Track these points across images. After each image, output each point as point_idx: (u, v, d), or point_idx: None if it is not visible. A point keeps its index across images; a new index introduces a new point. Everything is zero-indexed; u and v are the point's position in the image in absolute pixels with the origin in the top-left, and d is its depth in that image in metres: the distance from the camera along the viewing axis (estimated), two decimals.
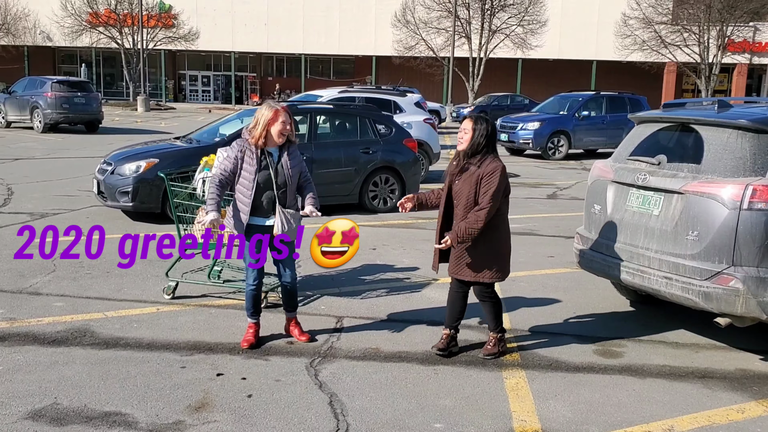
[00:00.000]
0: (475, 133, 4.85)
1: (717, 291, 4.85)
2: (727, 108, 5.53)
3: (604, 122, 21.02)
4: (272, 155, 5.06)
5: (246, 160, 4.98)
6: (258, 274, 5.14)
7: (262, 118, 4.96)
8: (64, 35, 47.32)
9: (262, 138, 4.96)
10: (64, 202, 10.91)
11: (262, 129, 4.94)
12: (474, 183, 4.81)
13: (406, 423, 4.10)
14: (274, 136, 4.97)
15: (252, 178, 4.95)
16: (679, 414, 4.31)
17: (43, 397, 4.25)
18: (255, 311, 5.22)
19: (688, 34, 41.99)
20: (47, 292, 6.34)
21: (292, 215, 5.08)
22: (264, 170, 4.99)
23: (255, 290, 5.16)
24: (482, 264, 4.90)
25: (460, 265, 4.96)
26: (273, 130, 4.96)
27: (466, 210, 4.85)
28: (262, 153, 5.01)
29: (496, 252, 4.94)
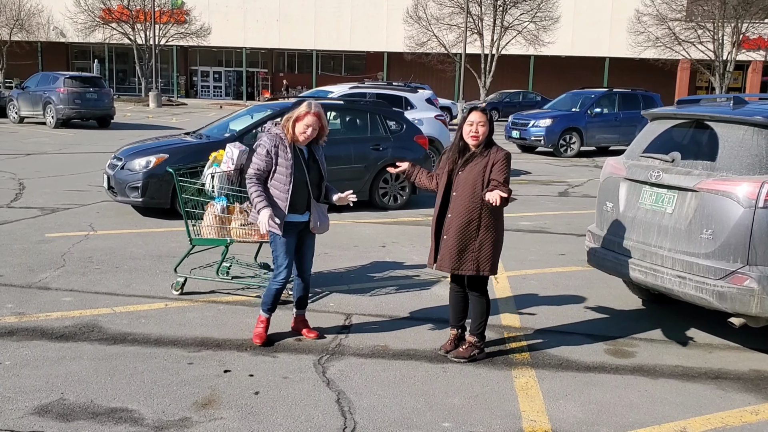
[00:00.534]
0: (491, 126, 4.77)
1: (731, 290, 4.78)
2: (743, 104, 5.44)
3: (616, 119, 20.87)
4: (302, 151, 5.01)
5: (280, 155, 4.91)
6: (289, 271, 5.05)
7: (294, 114, 4.92)
8: (77, 31, 47.53)
9: (290, 132, 4.91)
10: (75, 197, 10.93)
11: (291, 124, 4.90)
12: (481, 170, 4.71)
13: (414, 421, 4.05)
14: (297, 135, 4.91)
15: (288, 173, 4.88)
16: (692, 415, 4.24)
17: (50, 393, 4.24)
18: (273, 308, 5.16)
19: (703, 30, 41.60)
20: (56, 286, 6.34)
21: (325, 210, 5.11)
22: (298, 165, 4.94)
23: (281, 287, 5.08)
24: (485, 256, 4.78)
25: (462, 259, 4.79)
26: (297, 129, 4.90)
27: (472, 199, 4.73)
28: (294, 149, 4.96)
29: (497, 243, 4.84)
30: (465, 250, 4.78)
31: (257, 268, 6.76)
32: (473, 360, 4.94)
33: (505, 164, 4.70)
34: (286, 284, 5.12)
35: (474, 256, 4.78)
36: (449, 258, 4.83)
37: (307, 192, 5.01)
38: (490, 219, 4.77)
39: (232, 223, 6.19)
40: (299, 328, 5.33)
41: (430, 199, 11.71)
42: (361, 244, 8.36)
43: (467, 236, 4.77)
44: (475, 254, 4.78)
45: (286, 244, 4.98)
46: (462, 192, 4.78)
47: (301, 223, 5.06)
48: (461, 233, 4.77)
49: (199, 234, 6.27)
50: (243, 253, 7.20)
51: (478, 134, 4.74)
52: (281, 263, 5.01)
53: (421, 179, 5.08)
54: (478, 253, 4.77)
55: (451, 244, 4.81)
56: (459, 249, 4.79)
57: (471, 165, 4.75)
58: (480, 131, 4.74)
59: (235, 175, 6.54)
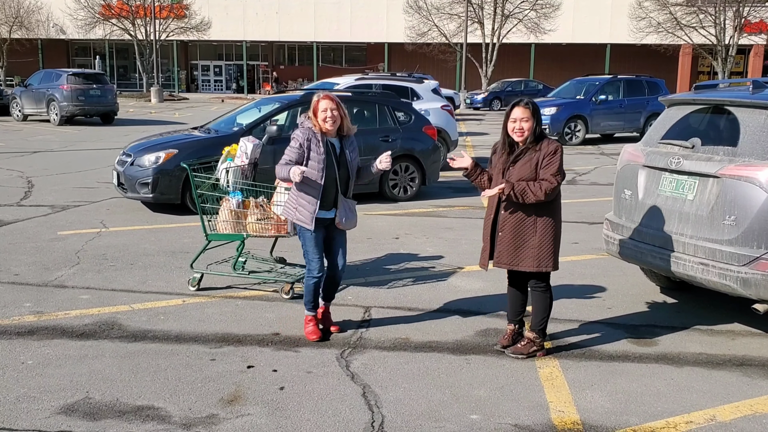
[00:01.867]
0: (535, 121, 4.61)
1: (756, 277, 4.74)
2: (762, 89, 5.39)
3: (621, 106, 20.76)
4: (334, 146, 4.97)
5: (313, 149, 4.86)
6: (321, 265, 5.02)
7: (311, 109, 4.91)
8: (78, 28, 47.39)
9: (318, 126, 4.88)
10: (84, 194, 10.91)
11: (314, 118, 4.89)
12: (533, 166, 4.59)
13: (441, 414, 4.03)
14: (321, 125, 4.88)
15: (320, 167, 4.84)
16: (720, 403, 4.22)
17: (75, 392, 4.22)
18: (316, 303, 5.14)
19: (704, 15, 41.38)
20: (72, 284, 6.32)
21: (353, 205, 5.09)
22: (329, 160, 4.90)
23: (318, 281, 5.04)
24: (543, 252, 4.66)
25: (521, 255, 4.67)
26: (319, 119, 4.88)
27: None
28: (327, 143, 4.92)
29: (556, 239, 4.71)
30: (523, 246, 4.68)
31: (273, 263, 6.74)
32: (532, 357, 4.85)
33: (554, 158, 4.57)
34: (322, 277, 5.07)
35: (534, 253, 4.66)
36: (507, 254, 4.72)
37: (336, 188, 4.97)
38: (546, 214, 4.67)
39: (247, 218, 6.16)
40: (323, 322, 5.31)
41: (441, 191, 11.74)
42: (374, 237, 8.33)
43: (524, 232, 4.67)
44: (535, 250, 4.66)
45: (315, 239, 4.96)
46: None
47: (327, 219, 5.02)
48: (517, 229, 4.68)
49: (214, 229, 6.24)
50: (258, 247, 7.18)
51: (523, 130, 4.61)
52: (311, 258, 4.99)
53: (482, 181, 4.89)
54: (538, 249, 4.65)
55: (508, 241, 4.71)
56: (516, 245, 4.69)
57: (522, 161, 4.63)
58: (525, 127, 4.60)
59: (249, 170, 6.51)
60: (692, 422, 3.98)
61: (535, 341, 4.87)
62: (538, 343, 4.88)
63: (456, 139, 14.97)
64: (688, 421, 3.99)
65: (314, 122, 4.90)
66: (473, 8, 42.93)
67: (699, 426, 3.94)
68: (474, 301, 6.06)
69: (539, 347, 4.88)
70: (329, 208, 5.01)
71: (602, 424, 3.95)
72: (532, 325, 4.90)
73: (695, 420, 4.01)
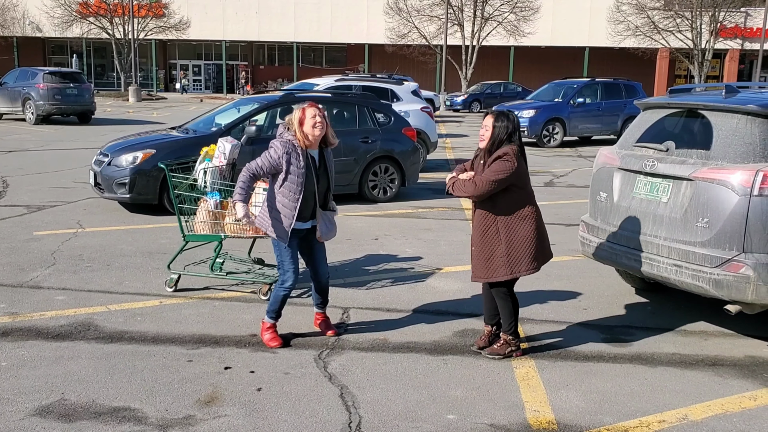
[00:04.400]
0: (495, 130, 4.67)
1: (727, 278, 4.82)
2: (735, 93, 5.48)
3: (599, 109, 20.95)
4: (314, 158, 4.90)
5: (293, 162, 4.76)
6: (296, 277, 4.94)
7: (294, 119, 4.80)
8: (54, 26, 46.88)
9: (304, 139, 4.79)
10: (61, 194, 10.80)
11: (299, 128, 4.78)
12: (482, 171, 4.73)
13: (418, 414, 4.06)
14: (309, 135, 4.78)
15: (299, 182, 4.76)
16: (692, 402, 4.29)
17: (50, 393, 4.19)
18: (279, 314, 5.04)
19: (681, 19, 41.98)
20: (48, 285, 6.26)
21: (332, 217, 5.05)
22: (309, 173, 4.83)
23: (288, 293, 4.97)
24: (490, 263, 4.73)
25: (490, 266, 4.75)
26: (306, 128, 4.77)
27: (482, 204, 4.74)
28: (307, 155, 4.85)
29: (525, 243, 4.72)
30: (491, 256, 4.72)
31: (251, 264, 6.73)
32: (509, 357, 4.89)
33: (494, 163, 4.62)
34: (293, 290, 5.02)
35: (504, 261, 4.70)
36: (479, 268, 4.80)
37: (314, 201, 4.91)
38: (510, 221, 4.69)
39: (225, 219, 6.15)
40: (321, 327, 5.29)
41: (420, 192, 11.78)
42: (353, 238, 8.34)
43: (490, 243, 4.72)
44: (504, 259, 4.69)
45: (291, 250, 4.91)
46: (477, 206, 4.79)
47: (303, 230, 4.96)
48: (482, 242, 4.75)
49: (192, 230, 6.22)
50: (236, 248, 7.16)
51: (483, 138, 4.72)
52: (287, 269, 4.92)
53: None
54: (507, 257, 4.69)
55: (476, 254, 4.79)
56: (485, 257, 4.74)
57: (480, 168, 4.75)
58: (485, 135, 4.70)
59: (227, 170, 6.50)
60: (665, 421, 4.04)
61: (511, 342, 4.91)
62: (514, 343, 4.92)
63: (435, 140, 15.01)
64: (660, 420, 4.05)
65: (298, 134, 4.79)
66: (453, 10, 43.11)
67: (671, 425, 4.01)
68: (452, 302, 6.10)
69: (515, 347, 4.92)
70: (306, 220, 4.95)
71: (577, 423, 4.00)
72: (503, 329, 4.94)
73: (668, 419, 4.07)
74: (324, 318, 5.30)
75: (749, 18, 45.06)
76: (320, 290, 5.20)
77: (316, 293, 5.22)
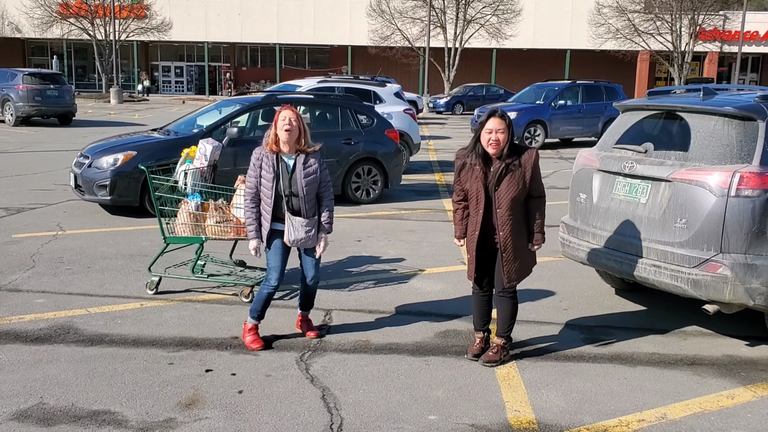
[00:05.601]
0: (510, 131, 4.55)
1: (705, 278, 4.88)
2: (712, 95, 5.55)
3: (580, 111, 21.09)
4: (287, 164, 4.90)
5: (263, 167, 4.86)
6: (280, 276, 4.97)
7: (273, 122, 4.87)
8: (34, 26, 46.39)
9: (273, 144, 4.85)
10: (41, 196, 10.70)
11: (273, 131, 4.85)
12: (521, 181, 4.58)
13: (400, 415, 4.07)
14: (280, 137, 4.82)
15: (270, 186, 4.85)
16: (671, 401, 4.33)
17: (29, 397, 4.15)
18: (261, 314, 5.04)
19: (661, 22, 42.42)
20: (27, 288, 6.20)
21: (303, 224, 4.92)
22: (278, 178, 4.86)
23: (272, 292, 4.99)
24: (523, 264, 4.75)
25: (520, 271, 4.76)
26: (278, 130, 4.82)
27: (511, 210, 4.60)
28: (278, 160, 4.87)
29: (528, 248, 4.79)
30: (523, 261, 4.76)
31: (233, 266, 6.71)
32: (504, 362, 4.84)
33: (537, 166, 4.67)
34: (277, 289, 5.02)
35: (527, 263, 4.80)
36: (509, 273, 4.70)
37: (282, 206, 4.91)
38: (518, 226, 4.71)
39: (206, 221, 6.12)
40: (303, 329, 5.29)
41: (403, 194, 11.79)
42: (336, 239, 8.32)
43: (523, 248, 4.74)
44: (528, 262, 4.81)
45: (274, 249, 4.94)
46: (507, 207, 4.60)
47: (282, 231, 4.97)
48: (519, 248, 4.70)
49: (173, 232, 6.19)
50: (218, 250, 7.14)
51: (498, 142, 4.52)
52: (271, 267, 4.97)
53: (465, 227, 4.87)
54: (530, 260, 4.82)
55: (512, 259, 4.68)
56: (521, 263, 4.74)
57: (507, 179, 4.57)
58: (500, 138, 4.52)
59: (208, 172, 6.48)
60: (644, 420, 4.08)
61: (505, 346, 4.89)
62: (507, 347, 4.91)
63: (418, 142, 15.05)
64: (639, 420, 4.09)
65: (269, 138, 4.86)
66: (436, 13, 43.22)
67: (650, 424, 4.04)
68: (434, 303, 6.12)
69: (507, 351, 4.91)
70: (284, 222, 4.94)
71: (557, 423, 4.03)
72: (499, 331, 4.88)
73: (647, 418, 4.11)
74: (306, 319, 5.29)
75: (728, 21, 45.58)
76: (307, 294, 5.20)
77: (302, 295, 5.23)
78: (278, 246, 4.97)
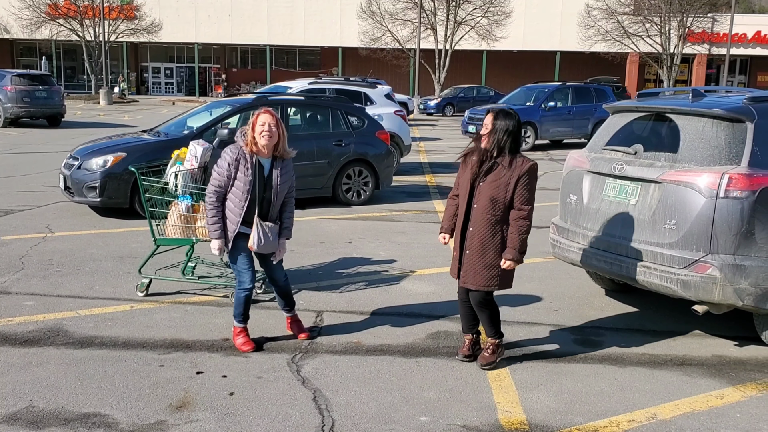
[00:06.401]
0: (495, 129, 4.52)
1: (695, 279, 4.91)
2: (701, 97, 5.59)
3: (570, 113, 21.17)
4: (263, 166, 4.86)
5: (240, 169, 4.76)
6: (251, 276, 4.94)
7: (250, 122, 4.80)
8: (22, 27, 46.08)
9: (252, 144, 4.77)
10: (30, 198, 10.64)
11: (251, 131, 4.77)
12: (505, 185, 4.50)
13: (391, 417, 4.07)
14: (256, 140, 4.75)
15: (246, 189, 4.77)
16: (661, 402, 4.36)
17: (18, 400, 4.13)
18: (246, 315, 5.03)
19: (650, 24, 42.65)
20: (16, 290, 6.17)
21: (270, 228, 4.91)
22: (254, 181, 4.79)
23: (248, 293, 4.96)
24: (490, 271, 4.60)
25: (489, 275, 4.61)
26: (255, 133, 4.75)
27: (494, 212, 4.53)
28: (256, 162, 4.81)
29: None
30: (491, 265, 4.60)
31: (223, 268, 6.69)
32: (499, 359, 4.85)
33: (530, 179, 4.52)
34: (252, 289, 5.01)
35: (497, 272, 4.61)
36: (473, 274, 4.63)
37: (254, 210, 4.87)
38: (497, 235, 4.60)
39: (197, 222, 6.10)
40: (293, 330, 5.28)
41: (394, 195, 11.80)
42: (327, 241, 8.34)
43: (492, 251, 4.58)
44: (495, 273, 4.61)
45: (241, 251, 4.92)
46: (482, 205, 4.56)
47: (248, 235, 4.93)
48: (487, 251, 4.59)
49: (163, 234, 6.17)
50: (208, 252, 7.10)
51: (484, 138, 4.58)
52: (241, 269, 4.93)
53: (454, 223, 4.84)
54: (498, 272, 4.62)
55: (475, 260, 4.61)
56: (484, 265, 4.59)
57: (493, 175, 4.53)
58: (484, 134, 4.58)
59: (199, 173, 6.45)
60: (634, 420, 4.10)
61: (499, 344, 4.90)
62: (500, 344, 4.91)
63: (409, 144, 15.07)
64: (630, 420, 4.11)
65: (248, 139, 4.78)
66: (426, 15, 43.28)
67: (641, 424, 4.06)
68: (425, 304, 6.12)
69: (503, 348, 4.96)
70: (251, 225, 4.90)
71: (548, 423, 4.04)
72: (489, 334, 4.86)
73: (637, 418, 4.13)
74: (295, 320, 5.30)
75: (716, 23, 45.86)
76: (281, 293, 5.21)
77: (279, 297, 5.24)
78: (244, 248, 4.93)
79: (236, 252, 4.93)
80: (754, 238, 4.84)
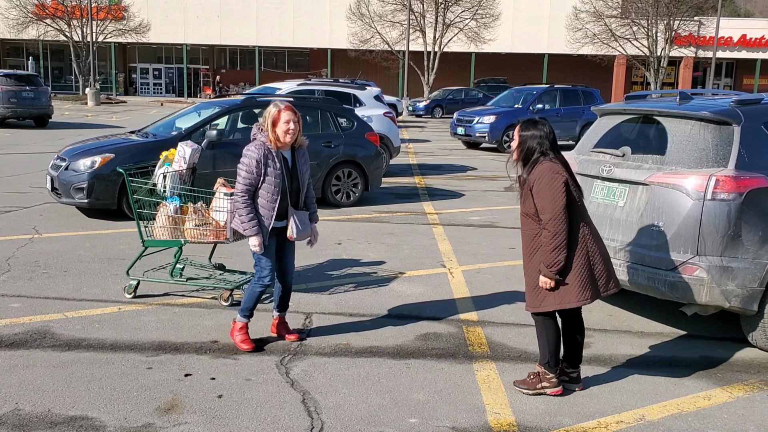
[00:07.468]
0: (521, 140, 4.27)
1: (682, 280, 4.94)
2: (689, 100, 5.62)
3: (558, 115, 21.25)
4: (286, 159, 4.91)
5: (269, 165, 4.79)
6: (273, 274, 4.97)
7: (268, 119, 4.81)
8: (9, 27, 45.83)
9: (276, 141, 4.80)
10: (16, 199, 10.56)
11: (271, 129, 4.79)
12: (525, 198, 4.26)
13: (381, 419, 4.06)
14: (280, 137, 4.79)
15: (277, 182, 4.80)
16: (649, 403, 4.37)
17: (4, 403, 4.09)
18: (252, 312, 5.05)
19: (637, 27, 42.91)
20: (2, 292, 6.12)
21: (303, 216, 5.01)
22: (283, 174, 4.84)
23: (264, 290, 4.98)
24: (534, 292, 4.32)
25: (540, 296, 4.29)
26: (279, 131, 4.78)
27: (522, 231, 4.34)
28: (281, 156, 4.85)
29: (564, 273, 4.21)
30: (534, 286, 4.30)
31: (212, 269, 6.66)
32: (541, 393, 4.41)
33: (540, 184, 4.15)
34: (271, 287, 5.03)
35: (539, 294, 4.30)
36: (527, 295, 4.39)
37: (287, 201, 4.92)
38: None
39: (185, 224, 6.07)
40: (280, 332, 5.27)
41: (383, 197, 11.81)
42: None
43: (533, 270, 4.31)
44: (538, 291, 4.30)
45: (268, 247, 4.92)
46: (523, 223, 4.36)
47: (278, 228, 4.98)
48: (528, 269, 4.36)
49: (151, 235, 6.13)
50: (197, 254, 7.09)
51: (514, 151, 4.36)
52: (265, 265, 4.93)
53: None
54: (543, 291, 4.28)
55: (526, 281, 4.39)
56: (530, 286, 4.33)
57: (523, 192, 4.28)
58: (513, 146, 4.36)
59: (187, 175, 6.44)
60: (622, 422, 4.12)
61: (545, 376, 4.40)
62: (549, 378, 4.39)
63: (398, 145, 15.08)
64: (618, 421, 4.12)
65: (269, 135, 4.80)
66: (415, 17, 43.37)
67: (629, 425, 4.08)
68: (414, 305, 6.12)
69: (551, 384, 4.39)
70: (282, 218, 4.97)
71: (537, 425, 4.05)
72: (540, 360, 4.47)
73: (625, 419, 4.14)
74: (282, 322, 5.29)
75: (702, 27, 46.18)
76: (287, 292, 5.22)
77: (280, 296, 5.23)
78: (273, 245, 4.98)
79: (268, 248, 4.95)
80: (740, 239, 4.87)
